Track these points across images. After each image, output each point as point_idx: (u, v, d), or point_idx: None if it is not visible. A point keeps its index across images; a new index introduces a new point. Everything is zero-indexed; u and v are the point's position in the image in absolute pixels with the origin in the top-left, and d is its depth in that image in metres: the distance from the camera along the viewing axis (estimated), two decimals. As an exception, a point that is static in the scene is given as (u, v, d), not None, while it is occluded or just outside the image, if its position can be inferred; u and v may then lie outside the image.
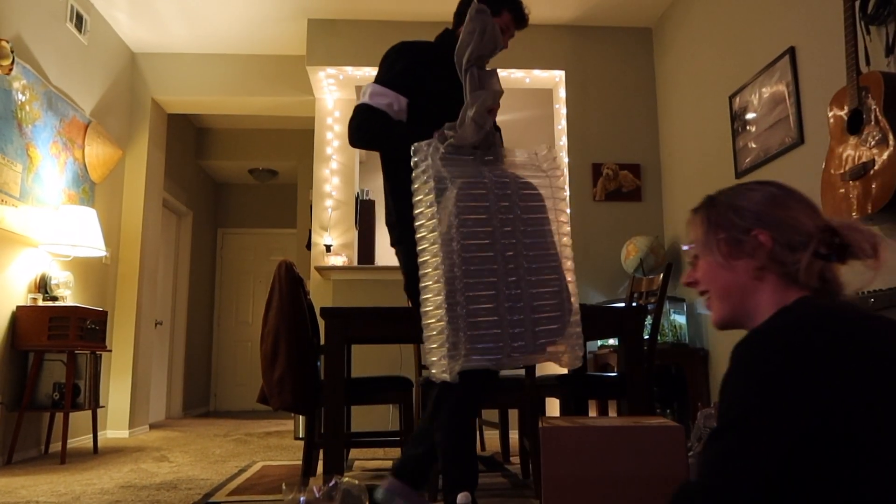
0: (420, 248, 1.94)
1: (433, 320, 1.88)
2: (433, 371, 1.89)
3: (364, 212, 5.22)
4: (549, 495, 1.74)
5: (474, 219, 1.89)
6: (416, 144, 1.95)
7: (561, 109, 4.99)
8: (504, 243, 1.90)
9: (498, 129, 2.12)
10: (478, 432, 4.06)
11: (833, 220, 1.00)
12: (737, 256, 1.02)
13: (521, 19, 2.31)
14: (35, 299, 3.82)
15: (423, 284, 1.92)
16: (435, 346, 1.87)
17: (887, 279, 2.59)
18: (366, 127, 2.17)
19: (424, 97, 2.19)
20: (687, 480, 0.87)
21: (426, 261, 1.92)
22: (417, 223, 1.95)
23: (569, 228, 2.03)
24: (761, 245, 0.99)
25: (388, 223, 2.33)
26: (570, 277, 2.00)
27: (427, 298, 1.90)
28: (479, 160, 1.97)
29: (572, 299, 1.98)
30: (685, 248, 1.10)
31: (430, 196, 1.90)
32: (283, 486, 1.77)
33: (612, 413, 3.69)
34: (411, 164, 1.95)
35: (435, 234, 1.89)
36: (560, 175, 2.05)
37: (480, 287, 1.86)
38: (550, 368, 4.60)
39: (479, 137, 1.95)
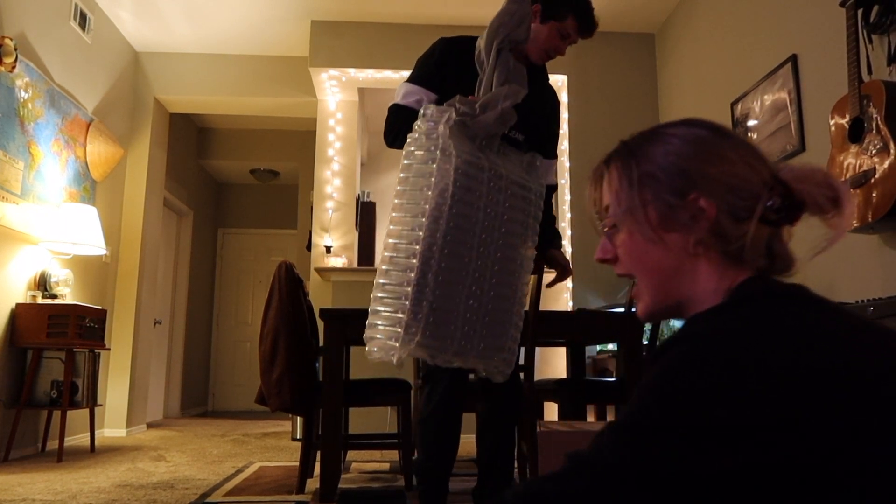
0: (397, 214, 1.79)
1: (392, 296, 1.73)
2: (368, 348, 1.75)
3: (365, 213, 5.22)
4: (547, 500, 1.73)
5: (466, 202, 1.77)
6: (426, 106, 1.82)
7: (563, 114, 4.99)
8: (482, 238, 1.81)
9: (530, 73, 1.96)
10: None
11: (781, 170, 0.77)
12: (669, 228, 0.77)
13: (586, 28, 2.11)
14: (34, 297, 3.82)
15: (389, 253, 1.77)
16: (383, 323, 1.73)
17: (889, 287, 2.59)
18: (394, 125, 2.07)
19: (457, 93, 2.02)
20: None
21: (400, 230, 1.77)
22: (402, 187, 1.79)
23: (533, 250, 1.95)
24: (702, 214, 0.75)
25: None
26: (523, 292, 1.95)
27: (390, 270, 1.75)
28: (479, 144, 1.86)
29: (521, 312, 1.93)
30: (595, 213, 0.86)
31: (428, 166, 1.75)
32: None
33: (611, 418, 3.69)
34: (415, 124, 1.81)
35: (418, 205, 1.75)
36: (543, 182, 1.99)
37: (452, 275, 1.75)
38: (549, 372, 4.59)
39: (500, 129, 1.85)
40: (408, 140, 1.80)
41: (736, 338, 0.64)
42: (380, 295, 1.75)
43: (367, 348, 1.75)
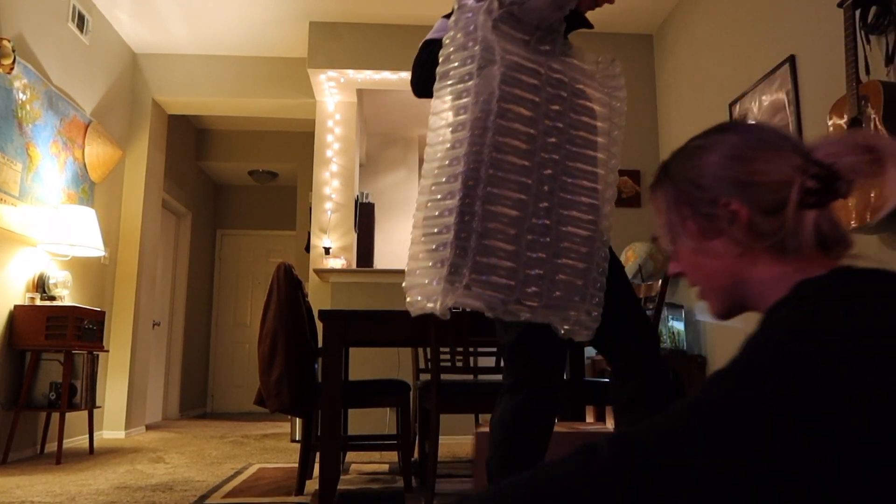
0: (433, 131, 1.44)
1: (431, 229, 1.39)
2: (409, 298, 1.39)
3: (363, 215, 5.22)
4: (546, 501, 1.73)
5: (517, 113, 1.41)
6: None
7: (561, 115, 4.99)
8: (544, 157, 1.43)
9: (565, 19, 1.53)
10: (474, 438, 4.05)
11: (817, 148, 0.76)
12: (711, 236, 0.81)
13: None
14: (33, 299, 3.82)
15: (428, 181, 1.43)
16: (427, 263, 1.38)
17: None
18: (422, 62, 1.69)
19: None
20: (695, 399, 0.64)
21: (436, 151, 1.43)
22: (437, 97, 1.44)
23: (619, 163, 1.58)
24: (736, 216, 0.78)
25: None
26: (607, 223, 1.56)
27: (432, 200, 1.41)
28: (533, 46, 1.46)
29: (604, 253, 1.54)
30: (654, 237, 0.91)
31: (470, 66, 1.39)
32: None
33: (609, 419, 3.69)
34: (450, 20, 1.44)
35: (462, 116, 1.39)
36: (623, 97, 1.61)
37: (505, 203, 1.39)
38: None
39: (555, 16, 1.44)
40: (444, 41, 1.45)
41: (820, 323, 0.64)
42: (418, 233, 1.42)
43: (407, 299, 1.40)
